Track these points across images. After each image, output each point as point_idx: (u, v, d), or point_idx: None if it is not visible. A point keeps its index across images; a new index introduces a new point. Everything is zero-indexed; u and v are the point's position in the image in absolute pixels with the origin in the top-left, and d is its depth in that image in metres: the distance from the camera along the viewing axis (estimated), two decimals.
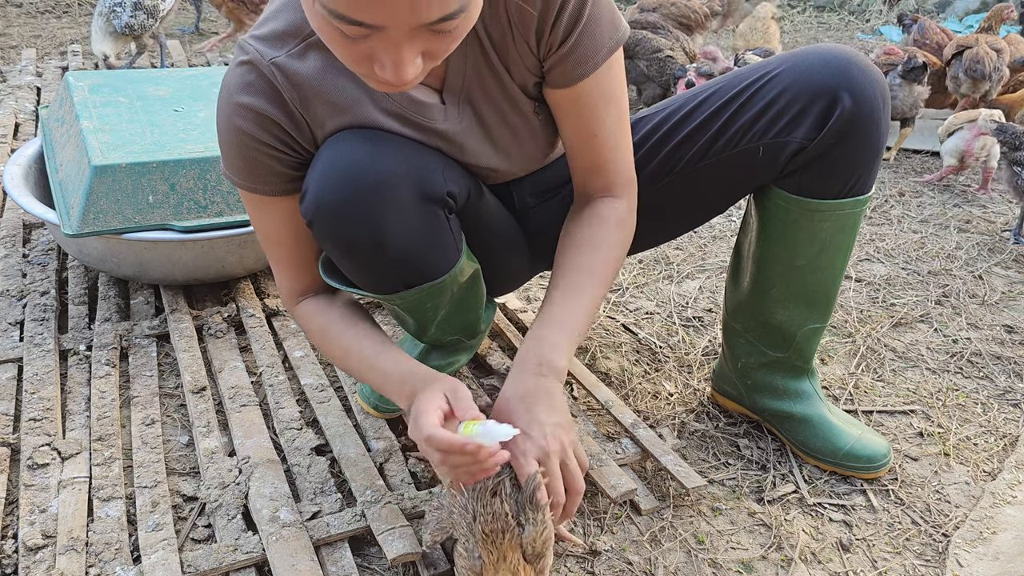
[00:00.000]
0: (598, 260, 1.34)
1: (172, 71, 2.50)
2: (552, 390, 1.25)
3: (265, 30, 1.21)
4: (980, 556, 1.44)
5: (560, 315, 1.30)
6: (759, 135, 1.39)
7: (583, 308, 1.31)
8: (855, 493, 1.58)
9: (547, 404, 1.23)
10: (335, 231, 1.27)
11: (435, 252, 1.33)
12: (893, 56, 3.59)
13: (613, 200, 1.38)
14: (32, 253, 2.29)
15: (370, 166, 1.21)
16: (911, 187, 3.23)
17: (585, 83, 1.27)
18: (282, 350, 1.92)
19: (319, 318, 1.38)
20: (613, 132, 1.33)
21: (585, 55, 1.24)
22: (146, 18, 3.82)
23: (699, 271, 2.45)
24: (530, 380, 1.25)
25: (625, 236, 1.38)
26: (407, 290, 1.36)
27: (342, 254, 1.31)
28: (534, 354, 1.27)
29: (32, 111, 3.53)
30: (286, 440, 1.60)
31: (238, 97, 1.21)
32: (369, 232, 1.25)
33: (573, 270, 1.33)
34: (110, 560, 1.31)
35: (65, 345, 1.87)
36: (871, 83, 1.35)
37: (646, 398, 1.83)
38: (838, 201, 1.42)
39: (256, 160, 1.25)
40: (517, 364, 1.28)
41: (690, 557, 1.42)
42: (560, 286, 1.33)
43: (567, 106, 1.31)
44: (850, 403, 1.85)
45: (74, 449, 1.54)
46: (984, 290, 2.39)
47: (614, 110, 1.32)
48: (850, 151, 1.38)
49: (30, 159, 2.28)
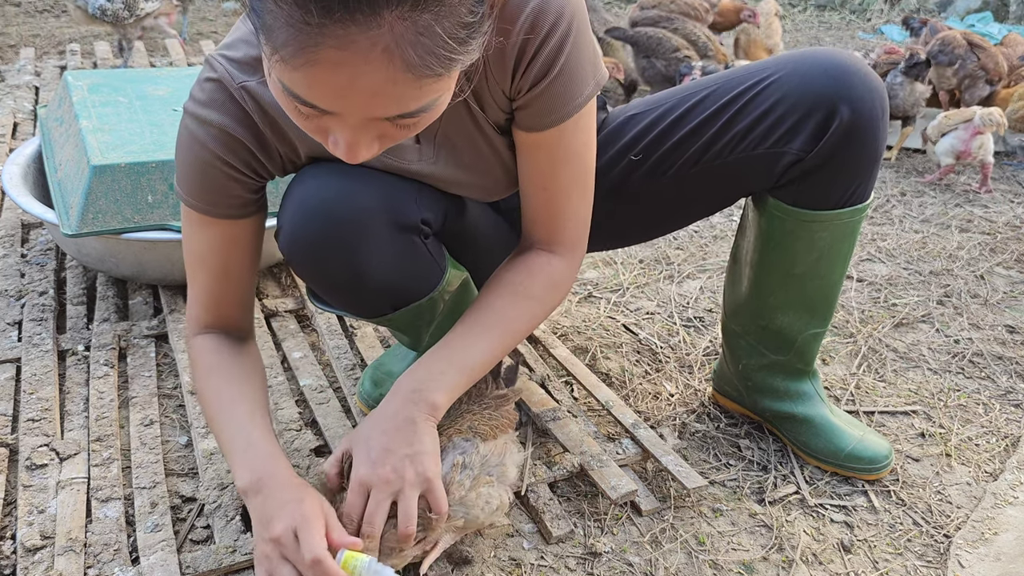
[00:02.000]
0: (516, 310, 1.28)
1: (171, 70, 2.50)
2: (416, 419, 1.19)
3: (238, 53, 1.16)
4: (982, 557, 1.44)
5: (457, 351, 1.25)
6: (754, 144, 1.36)
7: (482, 351, 1.26)
8: (856, 494, 1.57)
9: (406, 432, 1.18)
10: (313, 267, 1.26)
11: (417, 276, 1.33)
12: (894, 55, 3.59)
13: (551, 257, 1.31)
14: (31, 253, 2.29)
15: (342, 201, 1.19)
16: (912, 187, 3.23)
17: (547, 133, 1.20)
18: (281, 351, 1.92)
19: (210, 357, 1.31)
20: (566, 190, 1.26)
21: (552, 106, 1.17)
22: (122, 8, 3.69)
23: (700, 271, 2.45)
24: (397, 405, 1.21)
25: (554, 296, 1.32)
26: (395, 312, 1.37)
27: (323, 289, 1.31)
28: (413, 380, 1.23)
29: (31, 110, 3.53)
30: (285, 441, 1.59)
31: (205, 113, 1.16)
32: (347, 267, 1.25)
33: (487, 311, 1.28)
34: (109, 561, 1.31)
35: (63, 345, 1.87)
36: (870, 92, 1.32)
37: (647, 398, 1.82)
38: (836, 211, 1.40)
39: (214, 180, 1.20)
40: (394, 386, 1.24)
41: (691, 558, 1.41)
42: (468, 323, 1.28)
43: (525, 149, 1.25)
44: (851, 403, 1.84)
45: (72, 450, 1.53)
46: (986, 290, 2.39)
47: (573, 168, 1.25)
48: (848, 162, 1.35)
49: (29, 158, 2.28)
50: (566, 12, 1.11)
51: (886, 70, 3.51)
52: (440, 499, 1.18)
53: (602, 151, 1.44)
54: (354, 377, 1.80)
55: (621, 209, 1.48)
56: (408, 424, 1.19)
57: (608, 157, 1.44)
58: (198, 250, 1.28)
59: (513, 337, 1.29)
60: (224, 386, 1.28)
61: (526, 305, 1.29)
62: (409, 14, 0.84)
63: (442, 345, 1.27)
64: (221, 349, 1.32)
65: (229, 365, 1.30)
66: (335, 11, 0.82)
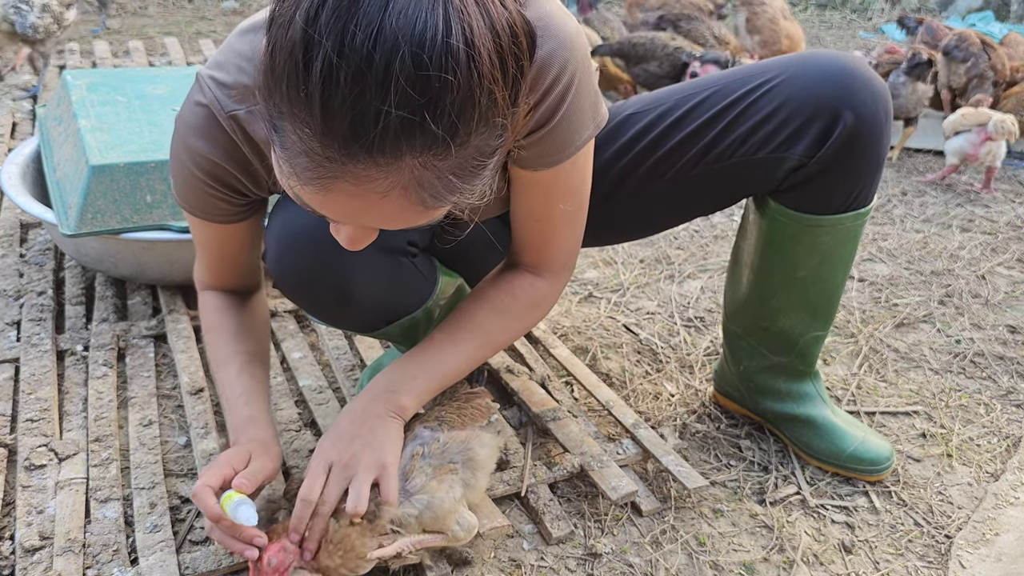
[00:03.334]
0: (495, 325, 1.33)
1: (170, 69, 2.49)
2: (383, 415, 1.27)
3: (229, 77, 1.15)
4: (983, 557, 1.43)
5: (432, 358, 1.32)
6: (755, 148, 1.34)
7: (457, 361, 1.32)
8: (857, 494, 1.56)
9: (371, 424, 1.26)
10: (300, 290, 1.31)
11: (406, 292, 1.36)
12: (895, 55, 3.58)
13: (536, 279, 1.34)
14: (29, 253, 2.28)
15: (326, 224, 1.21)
16: (914, 186, 3.22)
17: (543, 173, 1.21)
18: (280, 351, 1.91)
19: (216, 315, 1.40)
20: (558, 223, 1.29)
21: (549, 150, 1.18)
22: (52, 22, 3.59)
23: (701, 271, 2.44)
24: (366, 402, 1.29)
25: (534, 314, 1.37)
26: (387, 326, 1.40)
27: (312, 310, 1.36)
28: (385, 382, 1.30)
29: (29, 110, 3.52)
30: (284, 442, 1.59)
31: (194, 142, 1.18)
32: (334, 289, 1.28)
33: (466, 322, 1.33)
34: (107, 562, 1.30)
35: (62, 345, 1.86)
36: (874, 98, 1.30)
37: (647, 399, 1.82)
38: (838, 216, 1.39)
39: (203, 198, 1.25)
40: (368, 385, 1.32)
41: (691, 559, 1.41)
42: (445, 331, 1.33)
43: (520, 185, 1.26)
44: (852, 404, 1.84)
45: (71, 450, 1.53)
46: (987, 290, 2.38)
47: (568, 204, 1.27)
48: (851, 167, 1.34)
49: (27, 158, 2.27)
50: (569, 66, 1.10)
51: (888, 70, 3.50)
52: (390, 487, 1.22)
53: (600, 150, 1.43)
54: (353, 378, 1.79)
55: (619, 208, 1.47)
56: (375, 418, 1.27)
57: (606, 157, 1.43)
58: (198, 237, 1.35)
59: (489, 348, 1.35)
60: (221, 347, 1.37)
61: (504, 320, 1.34)
62: (430, 160, 0.85)
63: (418, 351, 1.33)
64: (223, 307, 1.41)
65: (229, 324, 1.39)
66: (358, 155, 0.83)
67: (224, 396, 1.36)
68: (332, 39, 0.79)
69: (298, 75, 0.81)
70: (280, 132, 0.87)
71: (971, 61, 3.56)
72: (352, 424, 1.27)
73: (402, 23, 0.79)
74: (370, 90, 0.79)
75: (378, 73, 0.78)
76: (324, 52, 0.79)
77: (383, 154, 0.83)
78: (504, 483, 1.49)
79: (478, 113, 0.84)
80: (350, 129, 0.81)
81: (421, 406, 1.34)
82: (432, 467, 1.29)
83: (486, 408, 1.43)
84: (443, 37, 0.80)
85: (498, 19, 0.84)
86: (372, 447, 1.24)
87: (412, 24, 0.79)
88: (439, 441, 1.32)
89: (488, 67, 0.83)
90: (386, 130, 0.81)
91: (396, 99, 0.79)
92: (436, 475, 1.28)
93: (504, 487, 1.49)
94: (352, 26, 0.78)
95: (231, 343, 1.37)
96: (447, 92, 0.81)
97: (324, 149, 0.83)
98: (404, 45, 0.79)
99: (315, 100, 0.81)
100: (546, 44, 1.07)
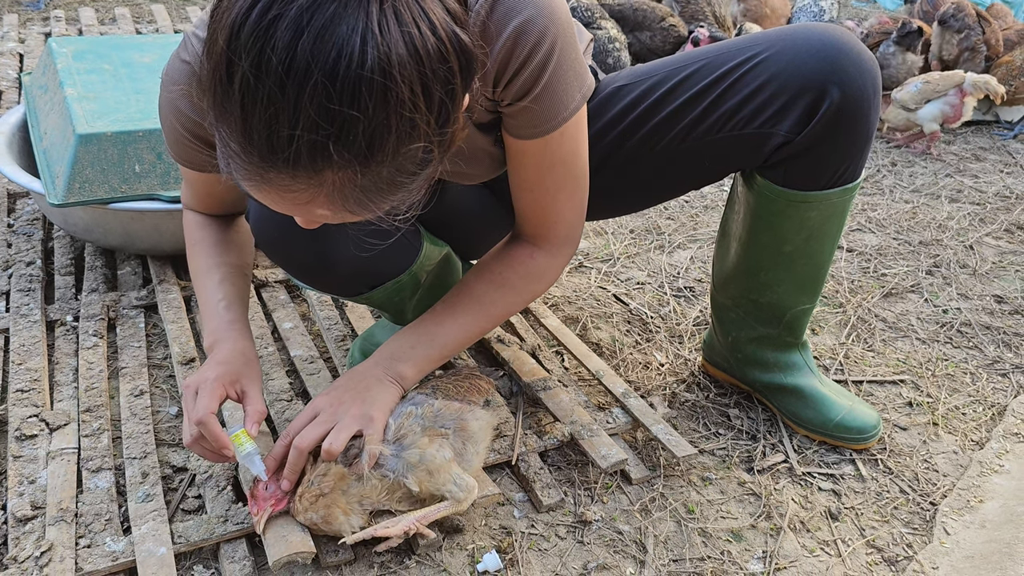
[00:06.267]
0: (495, 297, 1.36)
1: (157, 36, 2.46)
2: (382, 379, 1.32)
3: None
4: (967, 524, 1.46)
5: (431, 330, 1.36)
6: (743, 124, 1.34)
7: (457, 332, 1.36)
8: (844, 462, 1.58)
9: (369, 383, 1.31)
10: (280, 251, 1.33)
11: (388, 258, 1.36)
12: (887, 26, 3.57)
13: (535, 251, 1.36)
14: (17, 223, 2.27)
15: None
16: (903, 157, 3.22)
17: (533, 142, 1.21)
18: (271, 321, 1.91)
19: (199, 231, 1.43)
20: (552, 192, 1.29)
21: (535, 120, 1.18)
22: None
23: (690, 241, 2.45)
24: (369, 366, 1.34)
25: (533, 288, 1.38)
26: (372, 291, 1.41)
27: (293, 271, 1.37)
28: (388, 350, 1.36)
29: (15, 78, 3.48)
30: (276, 412, 1.59)
31: (177, 100, 1.21)
32: (312, 251, 1.30)
33: (467, 295, 1.37)
34: (100, 531, 1.31)
35: (52, 316, 1.86)
36: (862, 74, 1.29)
37: (637, 368, 1.83)
38: (826, 192, 1.39)
39: (186, 149, 1.28)
40: (373, 353, 1.37)
41: (680, 526, 1.42)
42: (447, 303, 1.37)
43: (513, 153, 1.26)
44: (840, 373, 1.85)
45: (62, 420, 1.53)
46: (975, 260, 2.40)
47: (559, 174, 1.26)
48: (838, 144, 1.33)
49: (14, 127, 2.24)
50: (549, 33, 1.09)
51: (879, 40, 3.49)
52: (374, 438, 1.27)
53: (591, 122, 1.43)
54: (344, 348, 1.80)
55: (609, 181, 1.47)
56: (373, 379, 1.32)
57: (596, 129, 1.42)
58: (185, 174, 1.38)
59: (489, 321, 1.37)
60: (203, 258, 1.40)
61: (503, 293, 1.36)
62: (348, 176, 0.87)
63: (420, 322, 1.37)
64: (206, 223, 1.43)
65: (212, 237, 1.42)
66: (278, 167, 0.86)
67: (204, 301, 1.37)
68: (249, 60, 0.81)
69: (223, 89, 0.84)
70: (217, 131, 0.90)
71: (965, 32, 3.54)
72: (349, 381, 1.32)
73: (316, 49, 0.80)
74: (283, 113, 0.82)
75: (289, 99, 0.81)
76: (242, 72, 0.81)
77: (301, 169, 0.86)
78: (495, 452, 1.50)
79: (393, 139, 0.86)
80: (267, 145, 0.84)
81: (421, 376, 1.37)
82: (422, 428, 1.31)
83: (485, 388, 1.45)
84: (356, 68, 0.80)
85: (423, 43, 0.84)
86: (363, 401, 1.28)
87: (327, 50, 0.80)
88: (433, 407, 1.34)
89: (408, 95, 0.83)
90: (299, 151, 0.84)
91: (306, 125, 0.82)
92: (427, 435, 1.30)
93: (495, 456, 1.50)
94: (268, 49, 0.80)
95: (213, 255, 1.40)
96: (356, 123, 0.82)
97: (249, 157, 0.87)
98: (316, 73, 0.80)
99: (236, 116, 0.84)
100: (524, 12, 1.07)
